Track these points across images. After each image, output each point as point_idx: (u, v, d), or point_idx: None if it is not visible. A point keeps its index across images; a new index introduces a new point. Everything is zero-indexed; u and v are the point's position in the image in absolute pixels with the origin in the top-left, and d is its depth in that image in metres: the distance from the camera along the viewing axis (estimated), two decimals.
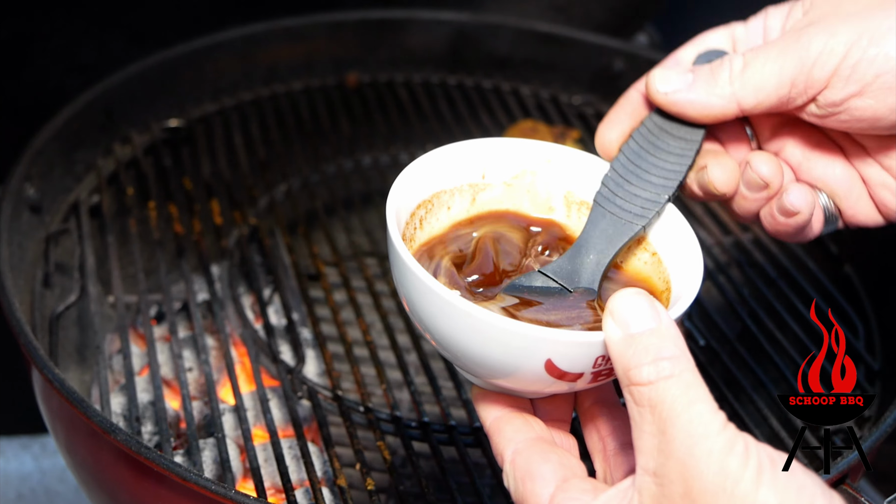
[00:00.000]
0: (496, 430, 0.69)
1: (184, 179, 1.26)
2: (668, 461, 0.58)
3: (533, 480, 0.65)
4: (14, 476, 1.51)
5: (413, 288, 0.68)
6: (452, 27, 1.45)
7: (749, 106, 0.76)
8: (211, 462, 0.99)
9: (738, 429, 0.59)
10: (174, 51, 1.33)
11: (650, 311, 0.61)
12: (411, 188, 0.75)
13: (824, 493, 0.58)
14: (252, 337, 1.10)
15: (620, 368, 0.61)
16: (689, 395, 0.58)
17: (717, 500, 0.56)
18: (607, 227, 0.75)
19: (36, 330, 1.05)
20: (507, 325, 0.64)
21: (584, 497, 0.63)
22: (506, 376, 0.67)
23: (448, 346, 0.68)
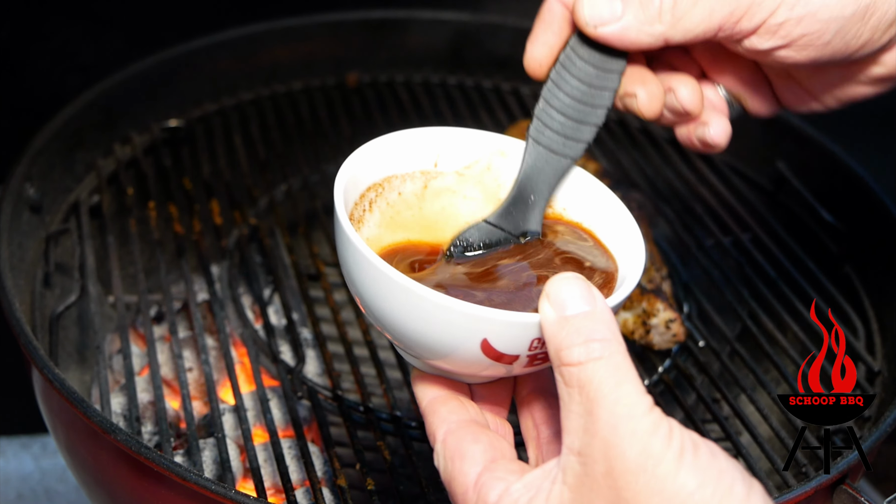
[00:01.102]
0: (431, 411, 0.70)
1: (184, 179, 1.26)
2: (592, 440, 0.59)
3: (462, 460, 0.66)
4: (14, 476, 1.51)
5: (352, 261, 0.68)
6: (452, 27, 1.45)
7: (675, 42, 0.77)
8: (211, 462, 0.99)
9: (663, 413, 0.59)
10: (174, 51, 1.33)
11: (586, 294, 0.62)
12: (363, 169, 0.75)
13: (744, 479, 0.58)
14: (252, 337, 1.10)
15: (553, 349, 0.62)
16: (617, 377, 0.59)
17: (638, 479, 0.57)
18: (543, 165, 0.76)
19: (36, 330, 1.05)
20: (444, 301, 0.65)
21: (509, 477, 0.64)
22: (444, 356, 0.68)
23: (388, 323, 0.68)
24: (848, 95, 0.82)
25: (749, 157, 1.34)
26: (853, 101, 0.82)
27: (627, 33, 0.76)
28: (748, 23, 0.75)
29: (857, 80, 0.81)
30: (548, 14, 0.80)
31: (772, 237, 1.23)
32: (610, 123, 1.41)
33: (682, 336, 1.09)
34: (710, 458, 0.58)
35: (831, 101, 0.82)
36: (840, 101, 0.82)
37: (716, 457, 0.59)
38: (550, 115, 0.77)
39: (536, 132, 0.76)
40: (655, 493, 0.57)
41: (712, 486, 0.57)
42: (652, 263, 1.13)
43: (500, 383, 0.73)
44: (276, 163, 1.32)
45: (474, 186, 0.80)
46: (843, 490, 0.90)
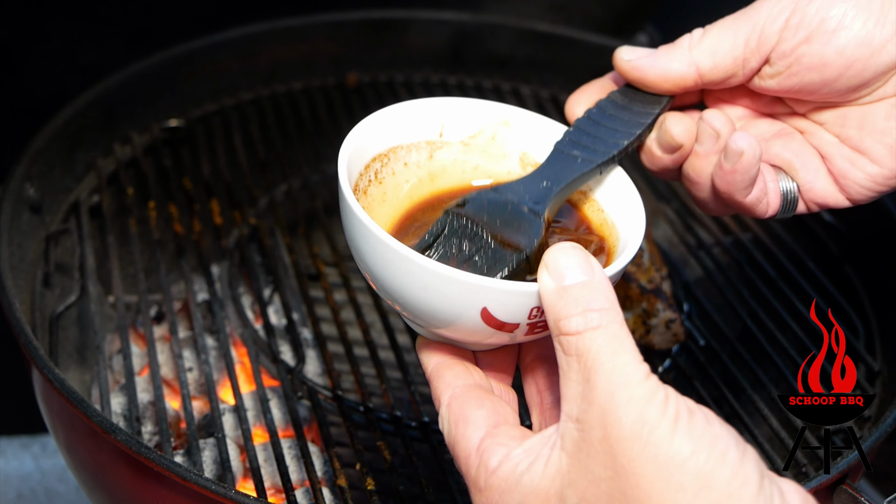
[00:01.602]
0: (437, 376, 0.71)
1: (184, 179, 1.26)
2: (589, 408, 0.60)
3: (466, 424, 0.67)
4: (14, 476, 1.51)
5: (356, 231, 0.69)
6: (452, 27, 1.45)
7: (706, 68, 0.79)
8: (211, 462, 0.99)
9: (660, 381, 0.60)
10: (174, 51, 1.33)
11: (584, 264, 0.63)
12: (367, 140, 0.76)
13: (738, 445, 0.60)
14: (252, 337, 1.10)
15: (552, 318, 0.63)
16: (615, 346, 0.60)
17: (633, 446, 0.58)
18: (562, 165, 0.77)
19: (36, 330, 1.05)
20: (444, 271, 0.65)
21: (511, 443, 0.65)
22: (446, 325, 0.69)
23: (390, 291, 0.69)
24: None
25: None
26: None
27: (658, 63, 0.80)
28: (770, 28, 0.78)
29: None
30: (597, 80, 0.85)
31: (772, 237, 1.24)
32: None
33: (682, 336, 1.09)
34: (705, 424, 0.59)
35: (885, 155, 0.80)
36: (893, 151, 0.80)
37: (710, 423, 0.60)
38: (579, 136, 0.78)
39: (562, 145, 0.78)
40: (650, 460, 0.58)
41: (706, 451, 0.58)
42: (652, 263, 1.13)
43: (504, 350, 0.74)
44: (276, 163, 1.32)
45: (480, 156, 0.80)
46: (843, 490, 0.90)
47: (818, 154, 0.82)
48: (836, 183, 0.82)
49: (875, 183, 0.81)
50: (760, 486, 0.59)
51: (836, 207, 0.83)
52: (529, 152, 0.80)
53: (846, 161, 0.81)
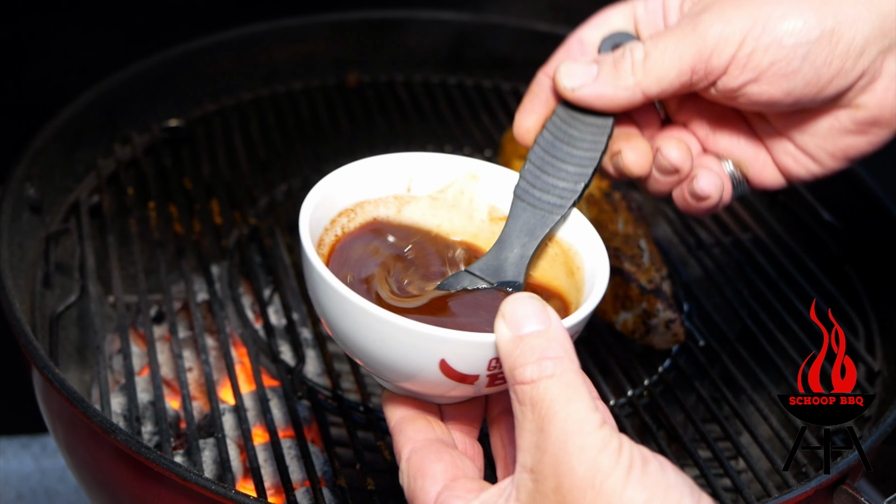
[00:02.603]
0: (398, 430, 0.71)
1: (184, 179, 1.26)
2: (543, 457, 0.59)
3: (424, 478, 0.67)
4: (14, 476, 1.51)
5: (316, 284, 0.69)
6: (452, 27, 1.45)
7: (653, 94, 0.79)
8: (211, 462, 0.99)
9: (614, 429, 0.60)
10: (174, 51, 1.33)
11: (540, 314, 0.63)
12: (333, 194, 0.76)
13: (692, 493, 0.59)
14: (252, 337, 1.10)
15: (507, 367, 0.63)
16: (569, 394, 0.60)
17: (586, 496, 0.58)
18: (528, 219, 0.77)
19: (36, 330, 1.05)
20: (400, 322, 0.66)
21: (468, 496, 0.65)
22: (407, 378, 0.69)
23: (351, 346, 0.70)
24: (841, 149, 0.82)
25: None
26: (850, 157, 0.82)
27: (604, 91, 0.79)
28: (718, 60, 0.76)
29: (846, 128, 0.81)
30: (536, 87, 0.83)
31: (772, 237, 1.23)
32: None
33: (682, 336, 1.09)
34: (659, 473, 0.59)
35: (827, 158, 0.82)
36: (835, 156, 0.82)
37: (665, 472, 0.59)
38: (536, 176, 0.78)
39: (522, 191, 0.78)
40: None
41: (659, 501, 0.58)
42: (652, 263, 1.13)
43: (470, 404, 0.74)
44: (276, 163, 1.32)
45: (448, 210, 0.80)
46: (843, 490, 0.90)
47: (764, 148, 0.84)
48: (781, 174, 0.84)
49: (814, 177, 0.84)
50: None
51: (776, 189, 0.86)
52: (497, 205, 0.80)
53: (790, 158, 0.83)
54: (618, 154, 0.80)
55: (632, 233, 1.15)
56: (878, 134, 0.81)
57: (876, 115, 0.79)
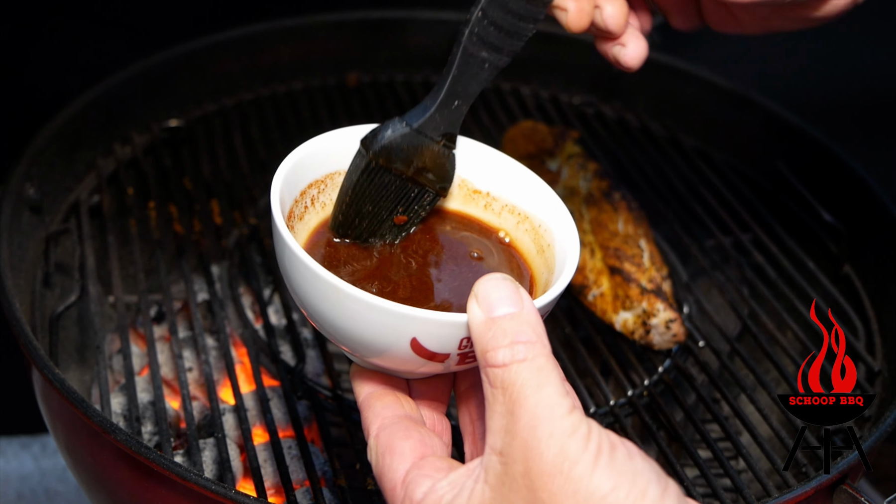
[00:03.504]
0: (367, 406, 0.71)
1: (184, 179, 1.26)
2: (513, 441, 0.60)
3: (392, 455, 0.67)
4: (14, 476, 1.51)
5: (286, 258, 0.69)
6: (452, 27, 1.44)
7: None
8: (211, 462, 0.99)
9: (584, 414, 0.61)
10: (174, 51, 1.33)
11: (513, 296, 0.63)
12: (302, 167, 0.76)
13: (659, 480, 0.60)
14: (252, 337, 1.10)
15: (479, 350, 0.63)
16: (539, 379, 0.61)
17: (554, 481, 0.58)
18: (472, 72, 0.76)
19: (36, 330, 1.05)
20: (372, 300, 0.65)
21: (436, 475, 0.65)
22: (377, 354, 0.69)
23: (321, 321, 0.69)
24: (774, 28, 0.82)
25: (749, 157, 1.34)
26: (775, 32, 0.83)
27: None
28: None
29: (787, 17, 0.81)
30: None
31: (772, 237, 1.23)
32: (610, 123, 1.41)
33: (682, 336, 1.09)
34: (627, 459, 0.60)
35: (755, 30, 0.83)
36: (765, 30, 0.82)
37: (632, 458, 0.60)
38: (485, 26, 0.76)
39: (468, 40, 0.76)
40: (570, 495, 0.58)
41: (626, 488, 0.58)
42: (652, 263, 1.13)
43: (438, 379, 0.74)
44: (277, 163, 1.31)
45: None
46: (843, 490, 0.90)
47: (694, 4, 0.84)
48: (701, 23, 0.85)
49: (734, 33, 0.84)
50: None
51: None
52: (468, 178, 0.80)
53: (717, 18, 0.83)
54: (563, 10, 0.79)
55: (632, 233, 1.15)
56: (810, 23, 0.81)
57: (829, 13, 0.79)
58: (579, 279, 1.13)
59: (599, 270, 1.13)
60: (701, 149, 1.36)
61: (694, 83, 1.38)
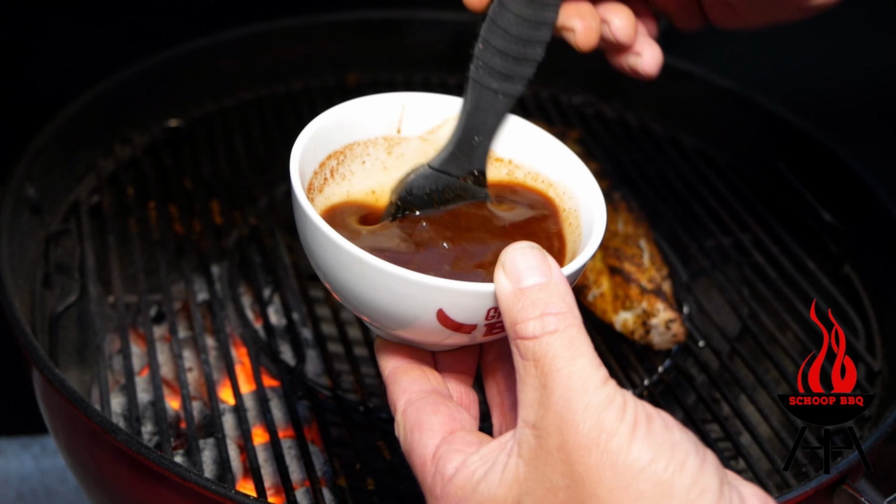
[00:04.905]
0: (392, 381, 0.70)
1: (184, 179, 1.26)
2: (546, 414, 0.59)
3: (421, 431, 0.66)
4: (14, 476, 1.51)
5: (308, 232, 0.68)
6: (452, 27, 1.45)
7: None
8: (211, 462, 0.99)
9: (618, 385, 0.59)
10: (174, 51, 1.33)
11: (542, 265, 0.62)
12: (321, 138, 0.74)
13: (697, 451, 0.58)
14: (252, 337, 1.10)
15: (508, 322, 0.62)
16: (572, 350, 0.59)
17: (591, 454, 0.57)
18: (486, 105, 0.75)
19: (36, 330, 1.05)
20: (399, 272, 0.64)
21: (467, 449, 0.64)
22: (403, 326, 0.67)
23: (345, 294, 0.68)
24: (775, 19, 0.81)
25: (749, 157, 1.34)
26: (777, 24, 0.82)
27: None
28: None
29: (788, 6, 0.80)
30: None
31: (772, 237, 1.23)
32: (610, 123, 1.41)
33: (682, 336, 1.09)
34: (664, 431, 0.58)
35: (758, 23, 0.82)
36: (767, 22, 0.81)
37: (670, 429, 0.59)
38: (490, 55, 0.76)
39: (476, 73, 0.76)
40: (608, 468, 0.57)
41: (665, 459, 0.57)
42: (652, 263, 1.13)
43: (464, 351, 0.73)
44: (276, 163, 1.32)
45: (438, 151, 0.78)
46: (843, 490, 0.90)
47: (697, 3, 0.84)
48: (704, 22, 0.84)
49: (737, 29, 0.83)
50: (720, 494, 0.58)
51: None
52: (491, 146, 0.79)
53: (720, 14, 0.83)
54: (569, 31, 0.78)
55: (632, 233, 1.15)
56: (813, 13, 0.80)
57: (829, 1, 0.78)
58: (579, 279, 1.13)
59: (599, 270, 1.13)
60: (701, 149, 1.36)
61: (694, 83, 1.38)
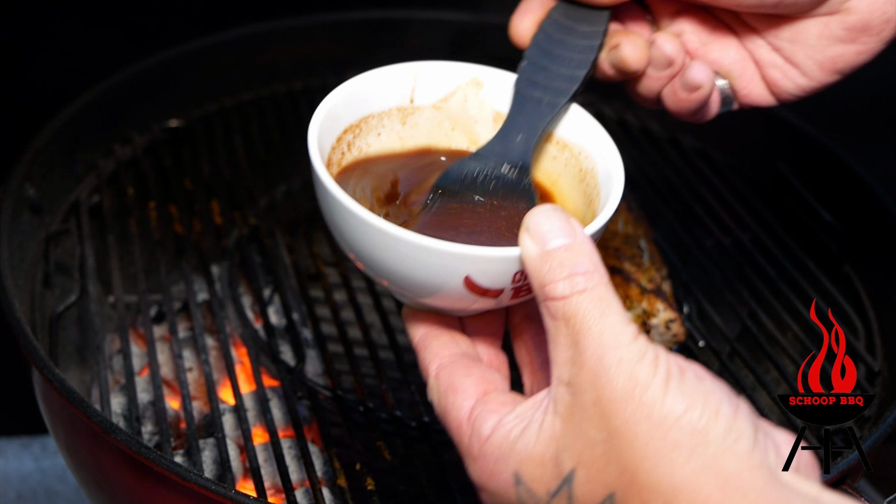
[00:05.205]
0: (423, 346, 0.71)
1: (184, 179, 1.26)
2: (580, 371, 0.60)
3: (455, 394, 0.67)
4: (14, 476, 1.51)
5: (331, 207, 0.68)
6: (453, 27, 1.45)
7: None
8: (211, 462, 0.99)
9: (649, 340, 0.60)
10: (174, 51, 1.33)
11: (566, 227, 0.63)
12: (336, 112, 0.75)
13: (730, 400, 0.60)
14: (252, 337, 1.10)
15: (536, 284, 0.63)
16: (602, 308, 0.60)
17: (626, 406, 0.58)
18: (531, 110, 0.76)
19: (36, 330, 1.05)
20: (425, 242, 0.65)
21: (502, 409, 0.65)
22: (429, 294, 0.68)
23: (372, 265, 0.69)
24: (830, 58, 0.82)
25: (749, 157, 1.34)
26: (839, 68, 0.83)
27: None
28: None
29: (835, 35, 0.81)
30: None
31: (772, 237, 1.23)
32: (610, 123, 1.41)
33: (682, 336, 1.09)
34: (697, 381, 0.60)
35: (816, 70, 0.83)
36: (824, 67, 0.82)
37: (702, 380, 0.60)
38: (535, 70, 0.77)
39: (519, 83, 0.77)
40: (644, 420, 0.58)
41: (699, 408, 0.58)
42: (652, 263, 1.13)
43: (491, 314, 0.74)
44: (276, 163, 1.32)
45: (453, 119, 0.79)
46: (844, 490, 0.90)
47: (752, 60, 0.85)
48: (768, 88, 0.85)
49: (803, 91, 0.84)
50: (755, 440, 0.59)
51: (764, 106, 0.86)
52: (503, 111, 0.79)
53: (778, 71, 0.84)
54: (616, 47, 0.80)
55: (632, 233, 1.15)
56: (866, 43, 0.81)
57: (866, 19, 0.79)
58: None
59: None
60: (701, 149, 1.36)
61: None
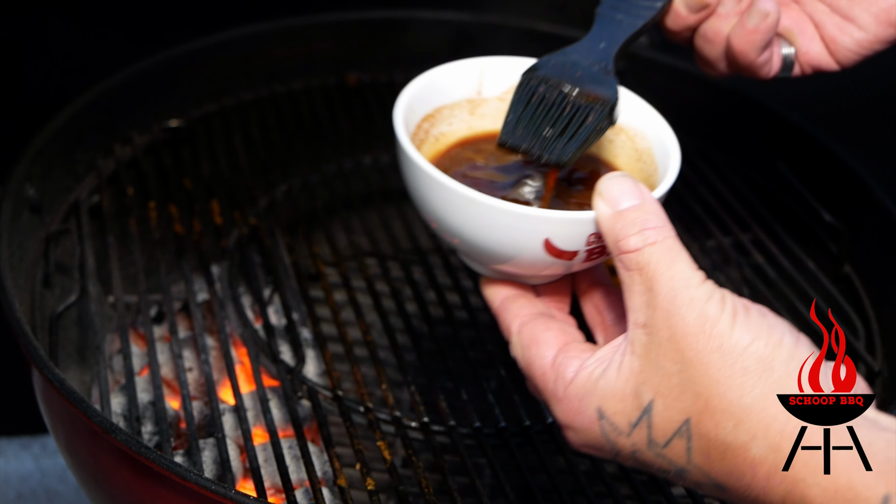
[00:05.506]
0: (504, 309, 0.78)
1: (184, 179, 1.26)
2: (654, 312, 0.66)
3: (538, 346, 0.73)
4: (14, 476, 1.51)
5: (418, 178, 0.74)
6: (453, 27, 1.45)
7: None
8: (211, 462, 0.99)
9: (716, 284, 0.67)
10: (174, 51, 1.33)
11: (634, 190, 0.70)
12: (416, 101, 0.82)
13: (792, 332, 0.67)
14: (252, 337, 1.10)
15: (611, 241, 0.69)
16: (672, 256, 0.67)
17: (698, 340, 0.65)
18: (612, 27, 0.82)
19: (36, 330, 1.05)
20: (510, 207, 0.71)
21: (583, 355, 0.71)
22: (509, 259, 0.74)
23: (457, 233, 0.74)
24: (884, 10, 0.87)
25: (749, 157, 1.34)
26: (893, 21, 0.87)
27: None
28: None
29: None
30: None
31: (772, 237, 1.23)
32: None
33: None
34: (760, 317, 0.66)
35: (870, 22, 0.88)
36: (878, 19, 0.88)
37: (765, 316, 0.67)
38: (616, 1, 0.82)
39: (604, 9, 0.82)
40: (714, 350, 0.65)
41: (764, 339, 0.65)
42: None
43: (560, 283, 0.80)
44: (276, 163, 1.32)
45: None
46: None
47: (811, 22, 0.90)
48: (827, 48, 0.90)
49: (861, 47, 0.89)
50: None
51: (827, 71, 0.91)
52: None
53: (836, 28, 0.89)
54: None
55: None
56: None
57: None
58: None
59: None
60: (701, 149, 1.36)
61: (694, 83, 1.38)
